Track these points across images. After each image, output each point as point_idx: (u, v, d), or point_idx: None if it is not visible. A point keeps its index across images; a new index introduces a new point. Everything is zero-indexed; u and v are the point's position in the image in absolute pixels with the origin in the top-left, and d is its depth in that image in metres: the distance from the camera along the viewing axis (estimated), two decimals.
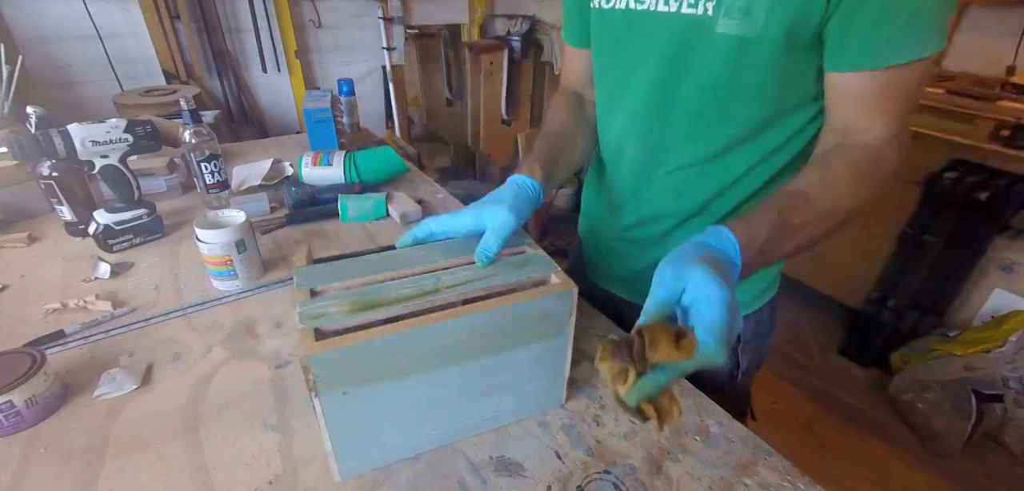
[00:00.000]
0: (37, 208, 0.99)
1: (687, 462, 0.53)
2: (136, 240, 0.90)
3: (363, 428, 0.48)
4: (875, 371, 1.98)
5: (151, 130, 0.89)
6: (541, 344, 0.53)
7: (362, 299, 0.48)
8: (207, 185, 0.99)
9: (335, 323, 0.45)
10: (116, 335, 0.69)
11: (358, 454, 0.49)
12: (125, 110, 1.91)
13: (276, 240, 0.93)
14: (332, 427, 0.46)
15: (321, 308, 0.46)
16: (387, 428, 0.49)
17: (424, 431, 0.52)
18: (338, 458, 0.48)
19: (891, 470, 1.63)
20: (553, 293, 0.51)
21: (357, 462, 0.50)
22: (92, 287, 0.79)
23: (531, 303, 0.50)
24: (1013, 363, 1.56)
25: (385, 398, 0.47)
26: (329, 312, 0.46)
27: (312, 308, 0.46)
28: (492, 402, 0.54)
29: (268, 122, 2.63)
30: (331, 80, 2.73)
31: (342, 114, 1.59)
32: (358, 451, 0.49)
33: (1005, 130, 1.68)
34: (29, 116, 0.83)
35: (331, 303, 0.47)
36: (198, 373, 0.63)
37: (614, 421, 0.57)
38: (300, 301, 0.47)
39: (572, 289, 0.51)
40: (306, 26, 2.60)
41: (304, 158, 1.12)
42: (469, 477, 0.51)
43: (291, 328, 0.71)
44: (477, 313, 0.48)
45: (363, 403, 0.46)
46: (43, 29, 2.04)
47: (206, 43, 2.34)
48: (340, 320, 0.45)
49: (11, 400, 0.53)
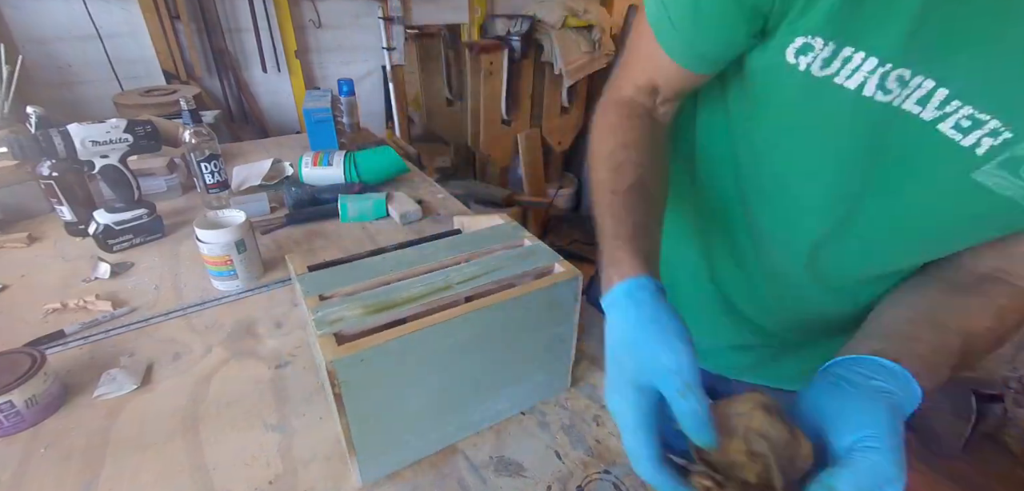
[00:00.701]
0: (37, 208, 0.99)
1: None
2: (136, 240, 0.90)
3: (386, 429, 0.48)
4: None
5: (151, 130, 0.89)
6: (550, 331, 0.55)
7: (376, 301, 0.48)
8: (207, 185, 0.99)
9: (354, 326, 0.45)
10: (116, 335, 0.69)
11: (381, 456, 0.50)
12: (125, 110, 1.91)
13: (276, 240, 0.93)
14: (357, 430, 0.45)
15: (336, 312, 0.46)
16: (409, 427, 0.50)
17: (443, 428, 0.53)
18: (361, 461, 0.48)
19: None
20: (560, 281, 0.53)
21: (379, 465, 0.50)
22: (92, 287, 0.79)
23: (541, 292, 0.52)
24: (1013, 363, 1.56)
25: (407, 397, 0.48)
26: (346, 316, 0.46)
27: (327, 313, 0.46)
28: (507, 392, 0.55)
29: (268, 122, 2.63)
30: (331, 80, 2.73)
31: (342, 114, 1.59)
32: (381, 453, 0.49)
33: None
34: (29, 116, 0.83)
35: (345, 307, 0.47)
36: (198, 373, 0.63)
37: (614, 421, 0.57)
38: (311, 307, 0.47)
39: (577, 276, 0.54)
40: (306, 26, 2.59)
41: (304, 158, 1.12)
42: (469, 477, 0.51)
43: (291, 328, 0.71)
44: (491, 306, 0.49)
45: (387, 404, 0.47)
46: (43, 29, 2.03)
47: (206, 43, 2.34)
48: (358, 323, 0.46)
49: (11, 400, 0.53)
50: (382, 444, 0.49)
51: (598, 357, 0.66)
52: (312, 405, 0.58)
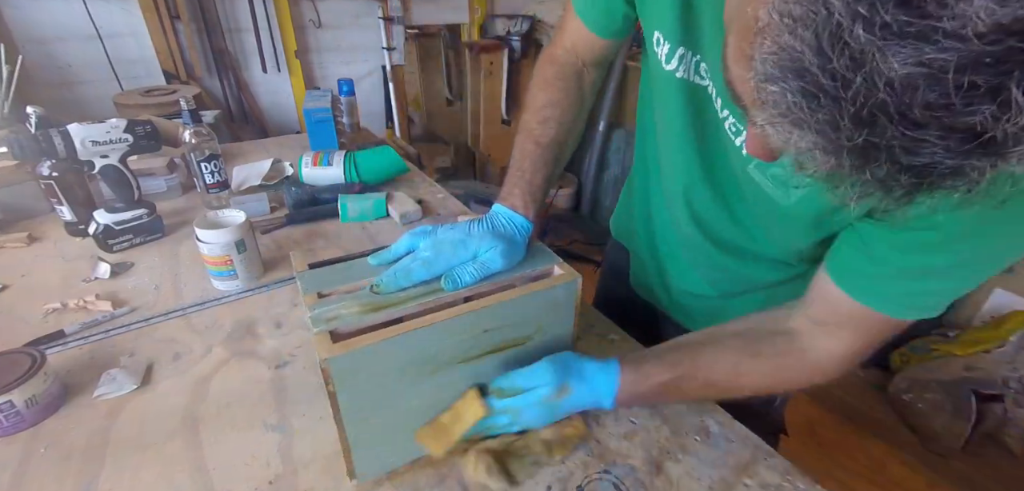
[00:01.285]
0: (37, 208, 0.99)
1: (687, 462, 0.53)
2: (136, 240, 0.90)
3: (381, 428, 0.48)
4: (875, 371, 1.98)
5: (151, 130, 0.89)
6: (548, 333, 0.55)
7: (372, 300, 0.48)
8: (207, 185, 0.99)
9: (350, 324, 0.45)
10: (116, 335, 0.69)
11: (376, 455, 0.49)
12: (125, 110, 1.91)
13: (276, 240, 0.93)
14: (352, 429, 0.45)
15: (333, 310, 0.46)
16: (406, 427, 0.50)
17: None
18: (357, 460, 0.48)
19: (891, 470, 1.63)
20: (560, 283, 0.53)
21: (375, 463, 0.50)
22: (92, 287, 0.79)
23: (540, 294, 0.51)
24: (1013, 363, 1.56)
25: (404, 397, 0.47)
26: (342, 314, 0.46)
27: (324, 311, 0.46)
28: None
29: (268, 122, 2.63)
30: (331, 80, 2.73)
31: (342, 114, 1.59)
32: (376, 452, 0.49)
33: None
34: (29, 116, 0.83)
35: (342, 305, 0.47)
36: (198, 373, 0.63)
37: (614, 421, 0.57)
38: (309, 304, 0.47)
39: (576, 278, 0.54)
40: (306, 26, 2.60)
41: (304, 158, 1.12)
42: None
43: (291, 328, 0.71)
44: (488, 306, 0.48)
45: (381, 403, 0.46)
46: (43, 29, 2.04)
47: (206, 43, 2.34)
48: (354, 321, 0.46)
49: (11, 400, 0.53)
50: (378, 443, 0.48)
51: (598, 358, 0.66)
52: (312, 405, 0.58)
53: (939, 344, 1.77)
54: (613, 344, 0.69)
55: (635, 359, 0.54)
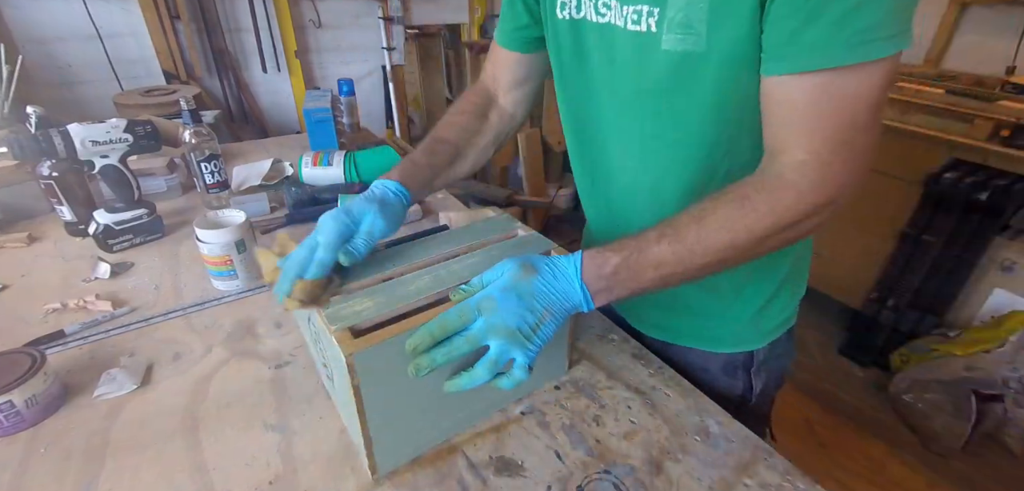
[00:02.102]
0: (37, 208, 0.99)
1: (687, 462, 0.53)
2: (136, 240, 0.90)
3: (400, 421, 0.49)
4: (875, 371, 1.98)
5: (151, 130, 0.89)
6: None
7: (385, 295, 0.49)
8: (207, 185, 0.99)
9: (368, 320, 0.46)
10: (116, 335, 0.69)
11: (395, 448, 0.50)
12: (125, 110, 1.91)
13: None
14: (374, 422, 0.46)
15: (348, 307, 0.47)
16: (420, 416, 0.50)
17: (452, 415, 0.54)
18: (378, 454, 0.48)
19: (890, 470, 1.63)
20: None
21: (394, 456, 0.51)
22: (92, 287, 0.79)
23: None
24: (1013, 363, 1.56)
25: (418, 387, 0.48)
26: (357, 310, 0.47)
27: (337, 309, 0.47)
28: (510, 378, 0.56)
29: (268, 122, 2.63)
30: (331, 80, 2.73)
31: (342, 114, 1.59)
32: (395, 445, 0.50)
33: (1005, 130, 1.68)
34: (29, 116, 0.83)
35: (355, 302, 0.48)
36: (198, 373, 0.63)
37: (614, 421, 0.57)
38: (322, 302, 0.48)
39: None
40: (306, 26, 2.60)
41: (304, 158, 1.12)
42: (469, 477, 0.51)
43: (291, 328, 0.71)
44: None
45: (402, 396, 0.47)
46: (43, 29, 2.04)
47: (206, 43, 2.34)
48: (371, 316, 0.46)
49: (11, 400, 0.53)
50: (397, 434, 0.49)
51: (598, 357, 0.67)
52: (312, 405, 0.58)
53: (939, 344, 1.77)
54: (613, 344, 0.69)
55: (599, 248, 0.51)
